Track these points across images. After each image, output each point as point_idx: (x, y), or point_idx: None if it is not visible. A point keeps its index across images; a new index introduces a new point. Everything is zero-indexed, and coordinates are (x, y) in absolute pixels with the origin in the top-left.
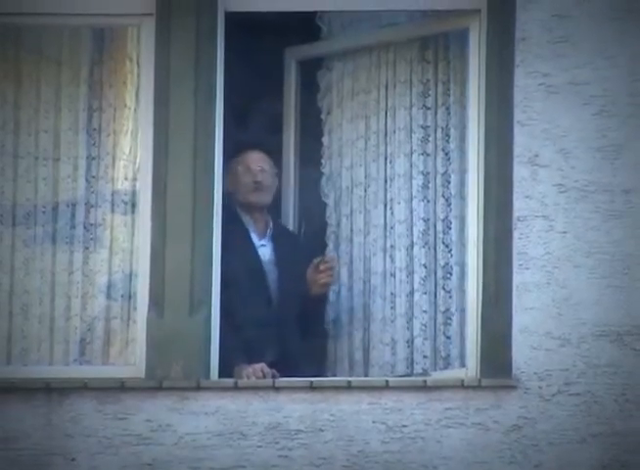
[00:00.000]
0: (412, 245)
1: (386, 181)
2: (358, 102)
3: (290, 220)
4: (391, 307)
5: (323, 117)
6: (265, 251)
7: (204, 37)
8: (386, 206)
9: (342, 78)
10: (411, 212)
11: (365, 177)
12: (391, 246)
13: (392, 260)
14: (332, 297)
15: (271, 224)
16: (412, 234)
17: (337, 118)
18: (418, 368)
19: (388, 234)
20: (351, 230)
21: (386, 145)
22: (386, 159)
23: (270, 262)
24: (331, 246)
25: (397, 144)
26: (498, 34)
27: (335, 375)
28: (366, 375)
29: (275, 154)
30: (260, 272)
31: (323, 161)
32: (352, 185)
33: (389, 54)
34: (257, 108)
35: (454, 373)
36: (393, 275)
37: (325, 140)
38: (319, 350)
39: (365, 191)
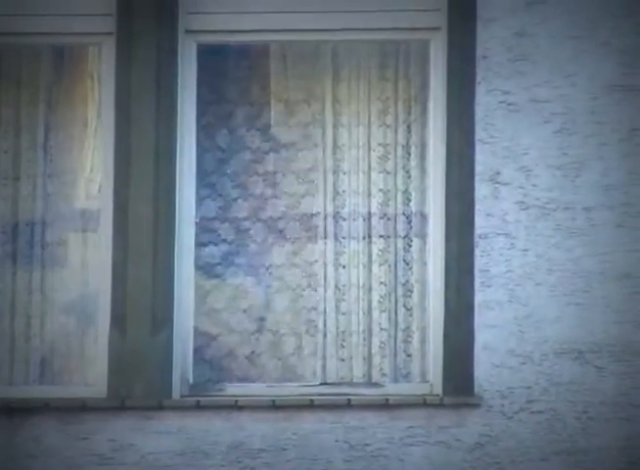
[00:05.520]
0: (371, 263)
1: (334, 197)
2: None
3: None
4: (350, 324)
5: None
6: None
7: (164, 56)
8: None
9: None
10: (370, 229)
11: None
12: (344, 265)
13: (349, 277)
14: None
15: None
16: (371, 252)
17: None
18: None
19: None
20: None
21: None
22: (334, 174)
23: None
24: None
25: (356, 161)
26: (459, 52)
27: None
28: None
29: None
30: None
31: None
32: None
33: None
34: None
35: (416, 391)
36: (349, 292)
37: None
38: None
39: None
